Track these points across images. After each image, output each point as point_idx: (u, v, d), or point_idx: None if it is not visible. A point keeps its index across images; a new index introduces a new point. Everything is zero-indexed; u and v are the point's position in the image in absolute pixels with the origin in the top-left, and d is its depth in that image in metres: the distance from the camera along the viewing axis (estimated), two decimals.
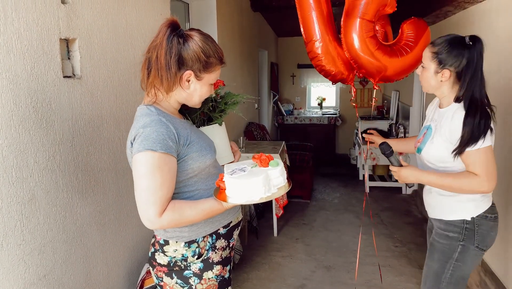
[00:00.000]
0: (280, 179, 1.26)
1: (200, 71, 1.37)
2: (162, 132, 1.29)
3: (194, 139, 1.39)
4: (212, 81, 1.42)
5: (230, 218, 1.45)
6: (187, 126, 1.45)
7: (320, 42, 2.49)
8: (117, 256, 2.25)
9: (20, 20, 1.55)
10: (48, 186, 1.72)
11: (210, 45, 1.37)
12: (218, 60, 1.41)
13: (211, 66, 1.38)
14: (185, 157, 1.35)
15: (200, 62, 1.35)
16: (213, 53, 1.38)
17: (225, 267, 1.44)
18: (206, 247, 1.40)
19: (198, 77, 1.38)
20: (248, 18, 5.54)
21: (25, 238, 1.60)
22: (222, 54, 1.43)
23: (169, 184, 1.28)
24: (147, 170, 1.25)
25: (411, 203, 5.08)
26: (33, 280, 1.64)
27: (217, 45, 1.43)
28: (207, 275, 1.40)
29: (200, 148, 1.39)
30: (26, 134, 1.59)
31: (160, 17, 2.76)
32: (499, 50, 2.64)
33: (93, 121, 2.03)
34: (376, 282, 3.12)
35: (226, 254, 1.46)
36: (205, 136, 1.51)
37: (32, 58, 1.62)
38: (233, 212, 1.47)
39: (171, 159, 1.30)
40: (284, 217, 4.50)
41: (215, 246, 1.41)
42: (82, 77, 1.93)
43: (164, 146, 1.28)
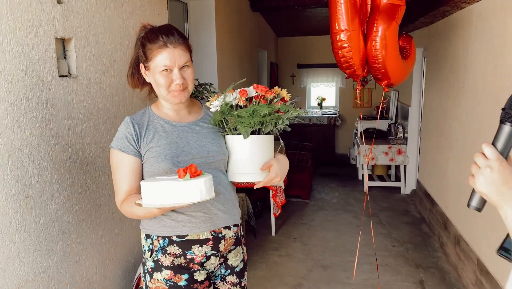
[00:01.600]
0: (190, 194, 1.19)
1: (145, 62, 1.42)
2: (122, 132, 1.44)
3: (160, 144, 1.41)
4: (161, 67, 1.37)
5: (185, 231, 1.41)
6: (171, 130, 1.45)
7: (352, 33, 2.35)
8: (114, 255, 2.26)
9: (15, 20, 1.56)
10: (43, 184, 1.73)
11: (149, 34, 1.41)
12: (154, 44, 1.37)
13: (150, 53, 1.39)
14: (145, 158, 1.43)
15: (142, 55, 1.42)
16: (149, 40, 1.39)
17: (178, 275, 1.42)
18: (157, 247, 1.44)
19: (147, 67, 1.43)
20: (247, 18, 5.55)
21: (20, 235, 1.61)
22: (162, 36, 1.37)
23: (127, 180, 1.41)
24: (111, 165, 1.45)
25: (410, 203, 5.08)
26: (28, 277, 1.66)
27: (161, 29, 1.41)
28: (156, 276, 1.44)
29: (158, 154, 1.40)
30: (21, 133, 1.60)
31: (157, 16, 2.77)
32: (495, 50, 2.64)
33: (89, 120, 2.04)
34: (372, 281, 3.13)
35: (180, 261, 1.43)
36: (189, 145, 1.44)
37: (28, 58, 1.63)
38: (190, 227, 1.42)
39: (128, 157, 1.41)
40: (282, 217, 4.51)
41: (166, 250, 1.42)
42: (78, 77, 1.95)
43: (121, 144, 1.42)
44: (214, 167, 1.46)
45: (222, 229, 1.48)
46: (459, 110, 3.35)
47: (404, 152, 5.41)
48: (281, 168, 1.44)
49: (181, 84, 1.39)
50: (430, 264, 3.42)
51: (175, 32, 1.40)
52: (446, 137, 3.75)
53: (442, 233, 3.72)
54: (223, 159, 1.48)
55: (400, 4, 2.27)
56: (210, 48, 4.14)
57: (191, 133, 1.47)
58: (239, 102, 1.40)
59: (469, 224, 3.07)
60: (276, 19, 6.88)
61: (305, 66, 8.53)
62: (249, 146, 1.41)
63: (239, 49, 5.07)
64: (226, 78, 4.38)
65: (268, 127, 1.42)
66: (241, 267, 1.60)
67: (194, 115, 1.53)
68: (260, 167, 1.40)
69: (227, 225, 1.49)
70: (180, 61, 1.38)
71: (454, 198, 3.47)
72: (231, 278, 1.58)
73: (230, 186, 1.52)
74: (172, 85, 1.39)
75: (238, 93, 1.41)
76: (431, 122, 4.39)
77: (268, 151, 1.44)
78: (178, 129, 1.46)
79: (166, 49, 1.36)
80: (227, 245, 1.51)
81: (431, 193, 4.30)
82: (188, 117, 1.52)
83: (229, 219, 1.50)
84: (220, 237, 1.47)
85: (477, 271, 2.80)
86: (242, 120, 1.38)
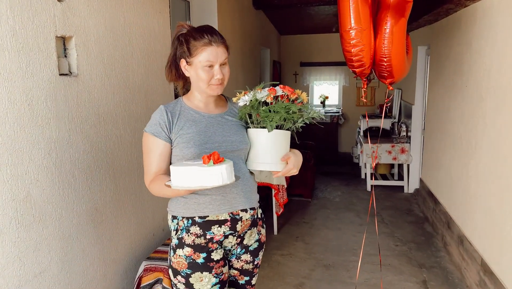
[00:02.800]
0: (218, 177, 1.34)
1: (188, 57, 1.55)
2: (156, 118, 1.58)
3: (190, 132, 1.56)
4: (205, 63, 1.52)
5: (206, 212, 1.57)
6: (200, 120, 1.61)
7: (366, 31, 2.26)
8: (115, 254, 2.25)
9: (15, 18, 1.55)
10: (43, 184, 1.72)
11: (194, 32, 1.55)
12: (200, 41, 1.52)
13: (195, 50, 1.53)
14: (175, 144, 1.57)
15: (184, 51, 1.56)
16: (194, 38, 1.53)
17: (197, 253, 1.57)
18: (182, 227, 1.60)
19: (189, 62, 1.56)
20: (250, 16, 5.52)
21: (20, 235, 1.60)
22: (207, 35, 1.53)
23: (157, 162, 1.56)
24: (144, 147, 1.59)
25: (413, 202, 5.05)
26: (28, 277, 1.65)
27: (205, 29, 1.56)
28: (178, 252, 1.59)
29: (188, 140, 1.55)
30: (21, 131, 1.59)
31: (159, 15, 2.75)
32: (500, 47, 2.61)
33: (90, 119, 2.03)
34: (375, 281, 3.11)
35: (200, 241, 1.58)
36: (216, 134, 1.60)
37: (27, 56, 1.62)
38: (211, 209, 1.57)
39: (160, 142, 1.56)
40: (284, 216, 4.49)
41: (189, 229, 1.58)
42: (78, 75, 1.93)
43: (154, 129, 1.56)
44: (236, 155, 1.61)
45: (239, 211, 1.63)
46: (463, 109, 3.32)
47: (407, 151, 5.38)
48: (298, 160, 1.61)
49: (221, 79, 1.56)
50: (433, 264, 3.40)
51: (217, 32, 1.57)
52: (449, 136, 3.72)
53: (445, 233, 3.70)
54: (244, 148, 1.63)
55: (409, 0, 2.23)
56: None
57: (218, 124, 1.63)
58: (267, 99, 1.53)
59: (472, 223, 3.04)
60: (279, 17, 6.85)
61: (308, 65, 8.50)
62: (272, 139, 1.55)
63: (241, 47, 5.05)
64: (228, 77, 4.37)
65: (288, 124, 1.56)
66: (255, 246, 1.73)
67: (220, 109, 1.69)
68: (279, 158, 1.56)
69: (244, 208, 1.64)
70: (222, 58, 1.56)
71: (457, 197, 3.45)
72: (245, 256, 1.72)
73: (248, 173, 1.67)
74: (213, 80, 1.55)
75: (268, 90, 1.53)
76: (434, 121, 4.36)
77: (287, 145, 1.59)
78: (206, 119, 1.62)
79: (210, 47, 1.53)
80: (244, 226, 1.66)
81: (434, 192, 4.27)
82: (215, 110, 1.67)
83: (246, 202, 1.64)
84: (237, 219, 1.62)
85: (481, 271, 2.77)
86: (271, 115, 1.52)
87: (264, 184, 3.94)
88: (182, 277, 1.59)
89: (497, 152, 2.64)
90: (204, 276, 1.58)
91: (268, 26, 7.02)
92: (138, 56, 2.43)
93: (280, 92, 1.55)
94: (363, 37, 2.27)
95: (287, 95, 1.55)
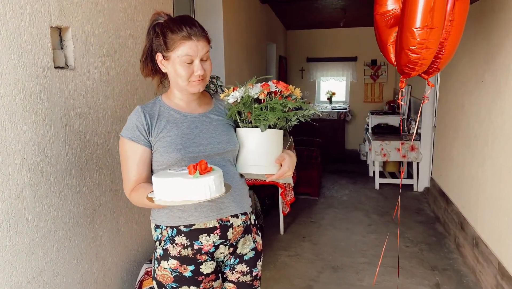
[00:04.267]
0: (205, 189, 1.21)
1: (164, 51, 1.40)
2: (132, 121, 1.43)
3: (171, 134, 1.42)
4: (183, 58, 1.37)
5: (192, 220, 1.43)
6: (182, 120, 1.47)
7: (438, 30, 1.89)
8: (114, 256, 2.15)
9: (5, 6, 1.45)
10: (37, 183, 1.62)
11: (171, 24, 1.39)
12: (178, 35, 1.36)
13: (172, 43, 1.38)
14: (155, 148, 1.43)
15: (160, 44, 1.40)
16: (171, 31, 1.37)
17: (184, 265, 1.44)
18: (165, 237, 1.47)
19: (166, 57, 1.41)
20: (256, 10, 5.40)
21: (11, 238, 1.50)
22: (186, 27, 1.37)
23: (136, 169, 1.43)
24: (121, 154, 1.47)
25: (423, 201, 4.92)
26: (21, 283, 1.55)
27: (184, 20, 1.41)
28: (163, 264, 1.46)
29: (169, 144, 1.41)
30: (12, 128, 1.49)
31: (161, 6, 2.65)
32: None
33: (88, 115, 1.93)
34: (386, 284, 2.99)
35: (187, 253, 1.44)
36: (200, 136, 1.46)
37: (19, 47, 1.51)
38: (197, 216, 1.43)
39: (138, 147, 1.42)
40: (291, 215, 4.38)
41: (174, 240, 1.45)
42: (75, 68, 1.83)
43: (131, 133, 1.42)
44: (223, 158, 1.48)
45: (229, 217, 1.49)
46: (479, 105, 3.18)
47: (417, 148, 5.24)
48: (292, 162, 1.48)
49: (202, 75, 1.41)
50: (446, 266, 3.28)
51: (197, 23, 1.41)
52: (463, 133, 3.58)
53: (458, 234, 3.57)
54: (233, 150, 1.49)
55: None
56: (217, 41, 4.01)
57: (202, 125, 1.49)
58: (260, 96, 1.38)
59: (489, 225, 2.91)
60: (285, 11, 6.72)
61: (314, 60, 8.36)
62: (265, 139, 1.43)
63: (247, 42, 4.93)
64: (233, 72, 4.25)
65: (281, 123, 1.43)
66: (251, 256, 1.58)
67: (204, 107, 1.54)
68: (273, 160, 1.43)
69: (234, 213, 1.50)
70: (202, 53, 1.40)
71: (471, 197, 3.31)
72: (240, 267, 1.57)
73: (238, 175, 1.53)
74: (193, 76, 1.40)
75: (261, 86, 1.39)
76: (446, 117, 4.22)
77: (280, 145, 1.48)
78: (189, 120, 1.48)
79: (190, 40, 1.37)
80: (236, 234, 1.52)
81: (446, 191, 4.14)
82: (199, 108, 1.53)
83: (237, 207, 1.51)
84: (227, 226, 1.48)
85: (498, 275, 2.65)
86: (266, 113, 1.38)
87: (271, 182, 3.82)
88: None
89: None
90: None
91: (274, 20, 6.89)
92: (139, 49, 2.31)
93: (274, 88, 1.42)
94: (436, 38, 1.90)
95: (281, 91, 1.42)
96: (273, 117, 1.36)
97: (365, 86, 8.34)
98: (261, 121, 1.38)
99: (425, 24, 1.80)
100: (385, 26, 2.12)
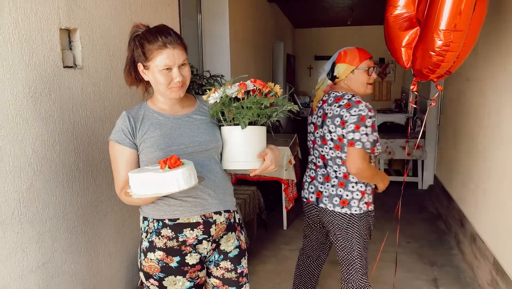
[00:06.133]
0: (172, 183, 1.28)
1: (144, 61, 1.47)
2: (119, 125, 1.53)
3: (154, 135, 1.50)
4: (161, 67, 1.44)
5: (177, 214, 1.51)
6: (165, 122, 1.54)
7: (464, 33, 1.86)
8: (120, 247, 2.26)
9: (17, 10, 1.56)
10: (47, 175, 1.73)
11: (147, 35, 1.46)
12: (154, 44, 1.43)
13: (150, 53, 1.45)
14: (140, 149, 1.52)
15: (140, 54, 1.48)
16: (148, 41, 1.45)
17: (170, 257, 1.51)
18: (151, 230, 1.54)
19: (146, 67, 1.49)
20: (263, 9, 5.48)
21: (23, 226, 1.61)
22: (161, 36, 1.43)
23: (124, 170, 1.50)
24: (110, 156, 1.55)
25: (427, 199, 4.97)
26: (31, 268, 1.66)
27: (159, 29, 1.47)
28: (149, 256, 1.53)
29: (152, 144, 1.49)
30: (24, 124, 1.60)
31: (167, 7, 2.74)
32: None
33: (96, 112, 2.04)
34: (384, 278, 3.06)
35: (172, 244, 1.52)
36: (182, 136, 1.52)
37: (31, 48, 1.62)
38: (182, 211, 1.51)
39: (125, 149, 1.50)
40: (294, 211, 4.45)
41: (160, 232, 1.52)
42: (83, 68, 1.94)
43: (118, 136, 1.51)
44: (206, 156, 1.54)
45: (212, 214, 1.56)
46: (478, 104, 3.23)
47: (422, 146, 5.27)
48: (275, 156, 1.55)
49: (181, 81, 1.47)
50: (445, 262, 3.34)
51: (172, 32, 1.47)
52: (463, 131, 3.63)
53: (458, 231, 3.62)
54: (215, 147, 1.56)
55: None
56: (223, 40, 4.10)
57: (184, 125, 1.55)
58: (238, 94, 1.46)
59: (486, 221, 2.97)
60: (292, 10, 6.78)
61: (323, 58, 8.42)
62: (246, 136, 1.49)
63: (253, 40, 5.01)
64: (239, 71, 4.34)
65: (262, 119, 1.50)
66: (235, 253, 1.65)
67: (187, 109, 1.60)
68: (255, 155, 1.50)
69: (217, 210, 1.57)
70: (179, 60, 1.46)
71: (471, 194, 3.36)
72: (224, 263, 1.64)
73: (221, 174, 1.60)
74: (172, 83, 1.47)
75: (238, 86, 1.46)
76: (450, 116, 4.27)
77: (263, 141, 1.53)
78: (172, 121, 1.55)
79: (166, 49, 1.43)
80: (219, 230, 1.58)
81: (448, 188, 4.19)
82: (182, 110, 1.59)
83: (219, 204, 1.57)
84: (210, 222, 1.55)
85: (493, 270, 2.70)
86: (244, 111, 1.44)
87: (274, 178, 3.91)
88: (155, 280, 1.54)
89: (511, 149, 2.55)
90: (178, 280, 1.53)
91: (281, 19, 6.95)
92: None
93: (251, 86, 1.48)
94: (461, 41, 1.87)
95: (259, 89, 1.48)
96: (250, 114, 1.42)
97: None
98: (240, 119, 1.45)
99: (452, 26, 1.79)
100: (398, 28, 2.12)
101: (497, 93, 2.82)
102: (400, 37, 2.15)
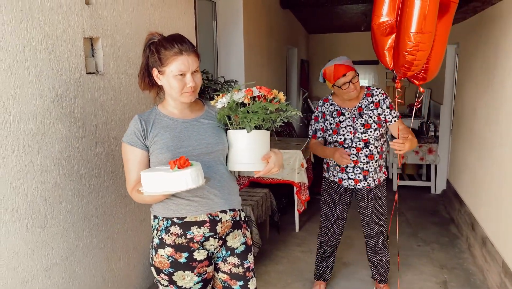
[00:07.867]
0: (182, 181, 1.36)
1: (159, 67, 1.56)
2: (131, 128, 1.61)
3: (164, 138, 1.58)
4: (176, 72, 1.53)
5: (184, 213, 1.59)
6: (175, 125, 1.62)
7: (431, 35, 2.08)
8: (138, 244, 2.37)
9: (46, 21, 1.68)
10: (71, 175, 1.85)
11: (164, 42, 1.55)
12: (170, 51, 1.52)
13: (166, 59, 1.53)
14: (151, 150, 1.60)
15: (155, 60, 1.56)
16: (164, 48, 1.53)
17: (179, 253, 1.60)
18: (161, 227, 1.62)
19: (161, 72, 1.57)
20: (277, 15, 5.58)
21: (48, 222, 1.73)
22: (177, 44, 1.52)
23: (136, 170, 1.58)
24: (123, 157, 1.62)
25: (439, 203, 4.97)
26: (55, 261, 1.78)
27: (175, 38, 1.56)
28: (160, 252, 1.61)
29: (162, 146, 1.57)
30: (50, 126, 1.72)
31: (184, 16, 2.86)
32: None
33: (116, 115, 2.15)
34: (393, 280, 3.11)
35: (181, 241, 1.60)
36: (190, 138, 1.60)
37: (57, 56, 1.75)
38: (189, 210, 1.59)
39: (136, 150, 1.59)
40: (307, 213, 4.52)
41: (169, 230, 1.60)
42: (105, 74, 2.06)
43: (130, 138, 1.59)
44: (212, 157, 1.63)
45: (218, 213, 1.64)
46: (488, 109, 3.26)
47: (435, 151, 5.29)
48: (278, 159, 1.63)
49: (193, 86, 1.56)
50: (455, 265, 3.36)
51: (187, 40, 1.57)
52: (475, 136, 3.66)
53: (469, 234, 3.64)
54: (221, 149, 1.64)
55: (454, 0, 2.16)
56: (237, 46, 4.21)
57: (193, 128, 1.64)
58: (244, 100, 1.55)
59: (495, 225, 2.99)
60: (306, 16, 6.86)
61: None
62: (251, 139, 1.57)
63: (267, 46, 5.11)
64: (253, 76, 4.44)
65: (267, 124, 1.58)
66: (242, 249, 1.73)
67: (196, 113, 1.69)
68: (260, 158, 1.58)
69: (223, 209, 1.65)
70: (193, 67, 1.55)
71: (482, 198, 3.39)
72: (231, 259, 1.71)
73: (227, 174, 1.68)
74: (185, 88, 1.55)
75: (245, 92, 1.55)
76: (461, 120, 4.29)
77: (267, 144, 1.62)
78: (181, 124, 1.63)
79: (181, 56, 1.53)
80: (224, 228, 1.66)
81: (460, 193, 4.20)
82: (191, 114, 1.68)
83: (225, 203, 1.65)
84: (216, 220, 1.63)
85: (502, 273, 2.73)
86: (250, 116, 1.53)
87: (286, 181, 3.99)
88: (165, 275, 1.62)
89: None
90: (186, 274, 1.61)
91: (295, 25, 7.04)
92: None
93: (257, 92, 1.56)
94: (430, 42, 2.09)
95: (264, 95, 1.56)
96: (256, 119, 1.51)
97: (387, 89, 8.38)
98: (247, 123, 1.54)
99: (420, 29, 2.01)
100: (381, 34, 2.34)
101: (507, 98, 2.86)
102: (383, 42, 2.38)
